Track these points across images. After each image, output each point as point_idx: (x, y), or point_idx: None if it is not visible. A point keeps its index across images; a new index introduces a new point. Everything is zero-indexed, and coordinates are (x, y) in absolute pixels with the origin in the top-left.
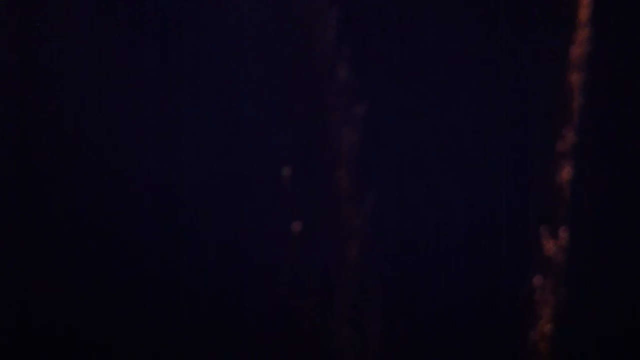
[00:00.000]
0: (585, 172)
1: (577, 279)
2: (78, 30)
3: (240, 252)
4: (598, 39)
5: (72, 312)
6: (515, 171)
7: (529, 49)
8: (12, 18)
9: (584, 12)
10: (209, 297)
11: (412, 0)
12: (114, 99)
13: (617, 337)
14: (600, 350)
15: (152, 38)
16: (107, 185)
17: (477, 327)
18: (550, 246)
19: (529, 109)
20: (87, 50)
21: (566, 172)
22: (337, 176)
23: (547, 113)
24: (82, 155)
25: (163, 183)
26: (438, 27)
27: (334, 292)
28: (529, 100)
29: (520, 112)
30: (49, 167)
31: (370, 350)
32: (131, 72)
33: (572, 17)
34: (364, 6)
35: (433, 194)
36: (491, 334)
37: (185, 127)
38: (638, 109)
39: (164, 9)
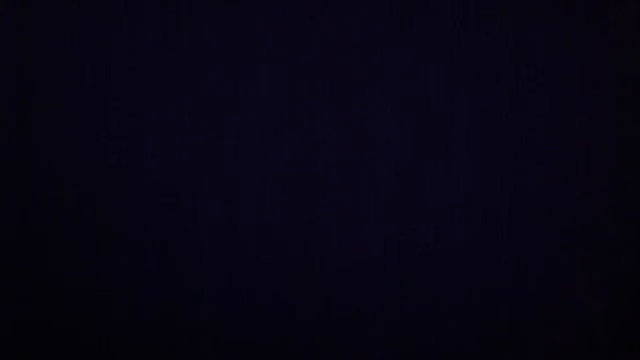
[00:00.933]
0: None
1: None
2: (78, 28)
3: (240, 252)
4: None
5: (72, 312)
6: (516, 171)
7: (529, 50)
8: (12, 17)
9: None
10: (209, 297)
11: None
12: (114, 98)
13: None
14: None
15: (152, 35)
16: (107, 184)
17: (478, 327)
18: None
19: (531, 109)
20: (88, 49)
21: None
22: (337, 175)
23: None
24: (82, 155)
25: (163, 182)
26: (438, 27)
27: (335, 292)
28: (530, 100)
29: (521, 113)
30: (49, 166)
31: (370, 350)
32: (131, 70)
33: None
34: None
35: (433, 194)
36: (492, 335)
37: (186, 126)
38: None
39: (165, 8)
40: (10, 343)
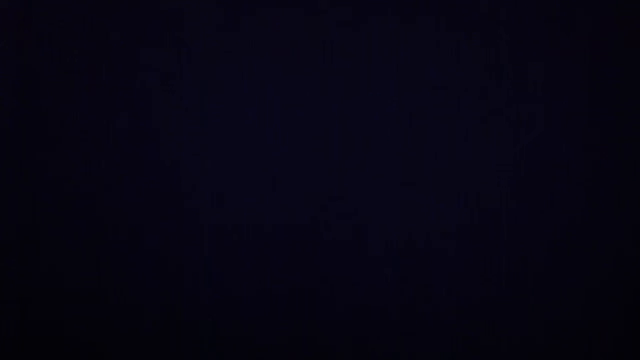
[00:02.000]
0: None
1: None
2: (78, 29)
3: (240, 252)
4: None
5: (71, 311)
6: (517, 171)
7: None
8: (13, 18)
9: None
10: (209, 296)
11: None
12: (115, 98)
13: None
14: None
15: (153, 35)
16: (107, 184)
17: (478, 328)
18: None
19: (530, 111)
20: (89, 49)
21: None
22: (338, 177)
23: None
24: (82, 155)
25: (164, 182)
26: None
27: (335, 292)
28: (529, 102)
29: (520, 114)
30: (49, 166)
31: (368, 351)
32: (132, 71)
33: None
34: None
35: (433, 194)
36: (492, 335)
37: (186, 125)
38: None
39: (166, 11)
40: (10, 343)
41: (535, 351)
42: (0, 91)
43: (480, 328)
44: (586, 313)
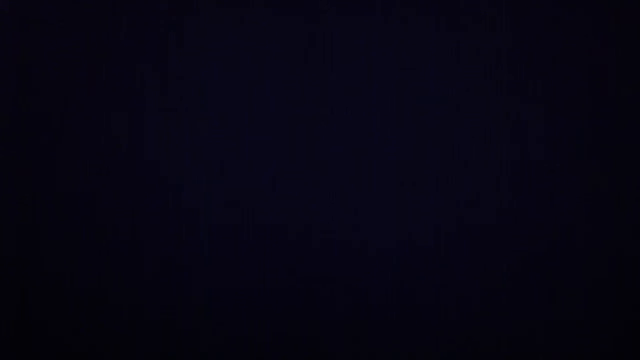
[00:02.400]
0: None
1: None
2: (79, 29)
3: (238, 252)
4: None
5: (71, 312)
6: (515, 173)
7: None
8: (13, 18)
9: None
10: (209, 297)
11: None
12: (115, 98)
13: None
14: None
15: (154, 35)
16: (107, 184)
17: (478, 328)
18: None
19: (530, 111)
20: (90, 50)
21: None
22: (339, 178)
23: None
24: (82, 155)
25: (164, 182)
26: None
27: (335, 292)
28: (529, 102)
29: (520, 115)
30: (49, 166)
31: (368, 351)
32: (132, 71)
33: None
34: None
35: (433, 194)
36: (492, 335)
37: (186, 125)
38: None
39: (165, 10)
40: (10, 343)
41: (536, 351)
42: (0, 91)
43: (480, 328)
44: (586, 313)
